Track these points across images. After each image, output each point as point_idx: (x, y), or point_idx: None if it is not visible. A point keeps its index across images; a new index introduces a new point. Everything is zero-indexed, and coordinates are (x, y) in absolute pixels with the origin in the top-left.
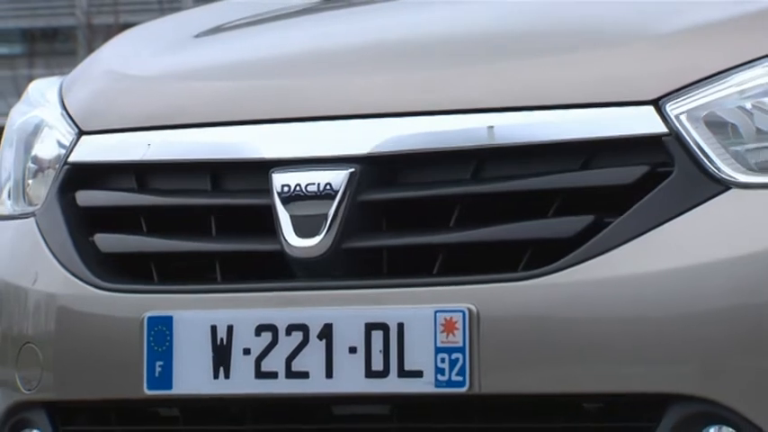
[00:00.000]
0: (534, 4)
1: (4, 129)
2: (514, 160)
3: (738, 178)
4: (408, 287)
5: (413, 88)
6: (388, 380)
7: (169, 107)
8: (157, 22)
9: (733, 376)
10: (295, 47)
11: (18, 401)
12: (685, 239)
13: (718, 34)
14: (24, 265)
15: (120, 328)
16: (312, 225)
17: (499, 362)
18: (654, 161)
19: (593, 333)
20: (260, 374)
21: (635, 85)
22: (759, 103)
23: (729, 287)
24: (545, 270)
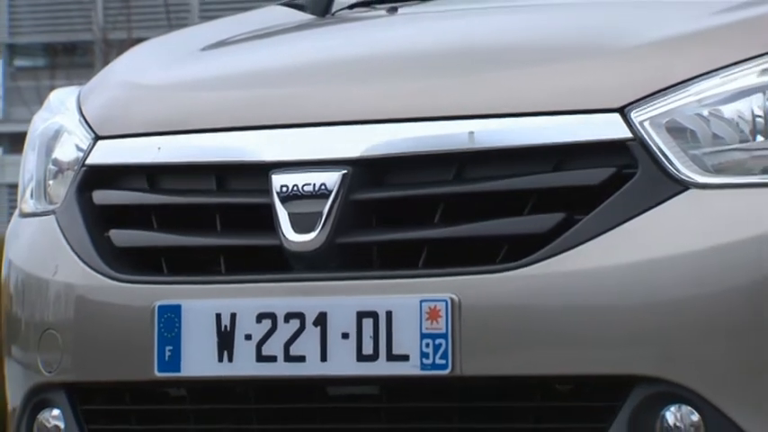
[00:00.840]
0: (511, 20)
1: (28, 133)
2: (493, 163)
3: (696, 179)
4: (396, 278)
5: (400, 97)
6: (377, 363)
7: (178, 114)
8: (167, 37)
9: (691, 360)
10: (293, 59)
11: (40, 383)
12: (648, 235)
13: (678, 48)
14: (45, 258)
15: (133, 315)
16: (308, 222)
17: (479, 347)
18: (620, 164)
19: (563, 320)
20: (260, 358)
21: (602, 94)
22: (715, 111)
23: (688, 279)
24: (520, 263)
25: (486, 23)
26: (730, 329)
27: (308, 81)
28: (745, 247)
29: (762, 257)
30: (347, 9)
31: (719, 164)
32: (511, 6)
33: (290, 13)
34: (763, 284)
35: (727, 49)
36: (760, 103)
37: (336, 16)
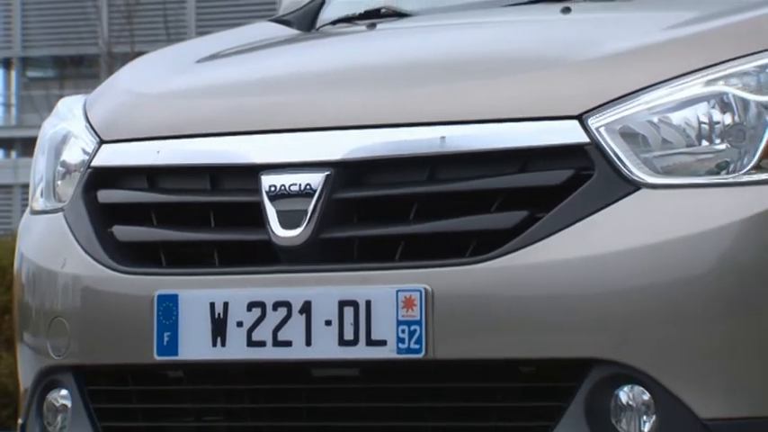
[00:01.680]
0: (478, 35)
1: (38, 138)
2: (462, 165)
3: (647, 180)
4: (375, 270)
5: (378, 105)
6: (357, 348)
7: (175, 120)
8: (166, 50)
9: (643, 344)
10: (280, 70)
11: (49, 365)
12: (603, 231)
13: (630, 61)
14: (54, 252)
15: (135, 304)
16: (294, 219)
17: (450, 332)
18: (578, 166)
19: (527, 308)
20: (251, 343)
21: (562, 102)
22: (664, 118)
23: (639, 270)
24: (488, 256)
25: (456, 38)
26: (678, 317)
27: (295, 90)
28: (691, 242)
29: (706, 251)
30: (330, 25)
31: (668, 166)
32: (478, 22)
33: (277, 29)
34: (707, 276)
35: (674, 62)
36: (704, 111)
37: (320, 31)
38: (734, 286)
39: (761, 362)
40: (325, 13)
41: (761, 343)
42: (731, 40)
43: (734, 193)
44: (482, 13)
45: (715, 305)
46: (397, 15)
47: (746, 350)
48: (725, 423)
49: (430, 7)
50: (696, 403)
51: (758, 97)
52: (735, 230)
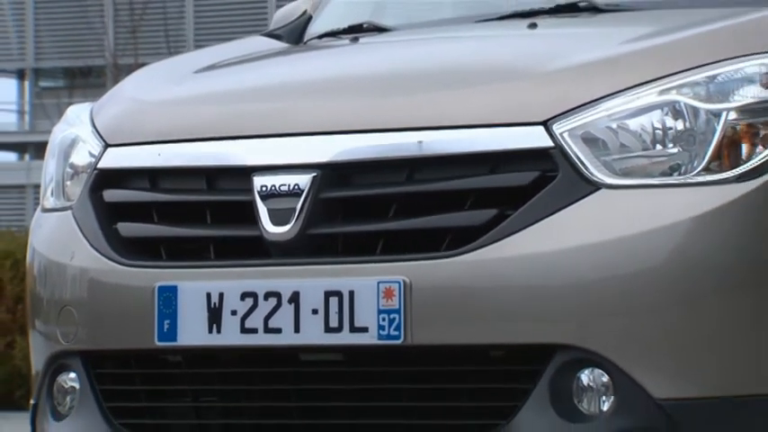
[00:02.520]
0: (452, 48)
1: (48, 142)
2: (438, 167)
3: (606, 181)
4: (357, 263)
5: (360, 112)
6: (341, 334)
7: (175, 126)
8: (166, 61)
9: (602, 331)
10: (270, 80)
11: (59, 351)
12: (566, 227)
13: (591, 72)
14: (63, 247)
15: (137, 294)
16: (284, 216)
17: (426, 320)
18: (543, 168)
19: (497, 298)
20: (244, 330)
21: (529, 110)
22: (622, 124)
23: (600, 264)
24: (461, 250)
25: (431, 50)
26: (634, 307)
27: (284, 98)
28: (645, 238)
29: (659, 247)
30: (317, 38)
31: (625, 168)
32: (452, 37)
33: (269, 42)
34: (660, 269)
35: (631, 73)
36: (659, 118)
37: (308, 45)
38: (684, 279)
39: (708, 348)
40: (312, 28)
41: (708, 331)
42: (682, 53)
43: (685, 193)
44: (455, 28)
45: (667, 296)
46: (377, 30)
47: (695, 338)
48: (677, 403)
49: (408, 23)
50: (651, 385)
51: (707, 105)
52: (685, 228)
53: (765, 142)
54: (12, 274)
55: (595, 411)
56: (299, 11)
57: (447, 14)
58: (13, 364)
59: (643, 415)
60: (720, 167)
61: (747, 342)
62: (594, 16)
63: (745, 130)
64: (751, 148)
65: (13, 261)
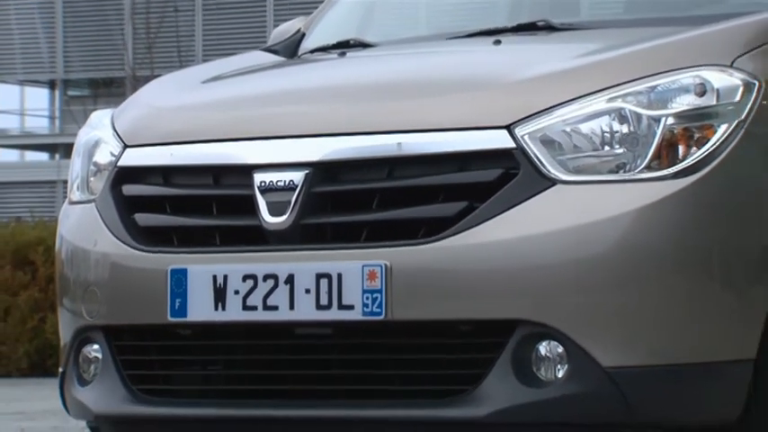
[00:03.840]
0: (428, 61)
1: (75, 143)
2: (415, 165)
3: (562, 177)
4: (345, 249)
5: (347, 117)
6: (331, 311)
7: (185, 129)
8: (177, 73)
9: (558, 308)
10: (268, 89)
11: (84, 325)
12: (527, 218)
13: (549, 82)
14: (88, 234)
15: (152, 276)
16: (280, 208)
17: (405, 299)
18: (506, 166)
19: (466, 279)
20: (245, 308)
21: (495, 115)
22: (575, 128)
23: (555, 249)
24: (435, 238)
25: (409, 63)
26: (585, 286)
27: (280, 105)
28: (595, 226)
29: (607, 234)
30: (309, 53)
31: (578, 166)
32: (427, 51)
33: (267, 56)
34: (607, 254)
35: (583, 83)
36: (607, 123)
37: (301, 58)
38: (628, 262)
39: (649, 323)
40: (305, 44)
41: (649, 308)
42: (627, 66)
43: (629, 188)
44: (430, 44)
45: (613, 277)
46: (362, 46)
47: (638, 314)
48: (622, 370)
49: (388, 39)
50: (599, 354)
51: (649, 112)
52: (629, 218)
53: (699, 144)
54: (44, 259)
55: (551, 378)
56: (294, 29)
57: (423, 32)
58: (45, 336)
59: (593, 381)
60: (660, 166)
61: (683, 317)
62: (551, 34)
63: (682, 134)
64: (686, 149)
65: (45, 247)
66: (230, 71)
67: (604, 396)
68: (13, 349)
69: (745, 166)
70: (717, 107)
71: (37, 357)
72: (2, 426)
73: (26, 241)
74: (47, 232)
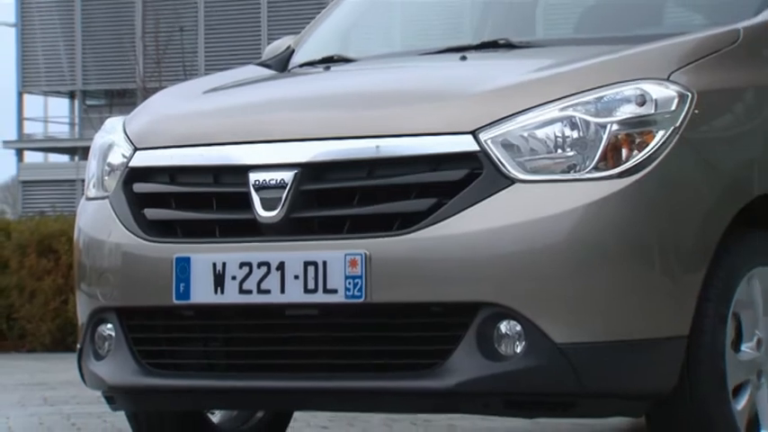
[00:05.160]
0: (404, 74)
1: (91, 146)
2: (391, 166)
3: (520, 177)
4: (329, 240)
5: (332, 123)
6: (317, 294)
7: (188, 134)
8: (182, 84)
9: (516, 292)
10: (262, 98)
11: (99, 307)
12: (489, 212)
13: (509, 93)
14: (103, 227)
15: (159, 263)
16: (272, 203)
17: (382, 284)
18: (471, 167)
19: (435, 266)
20: (242, 291)
21: (461, 122)
22: (532, 133)
23: (514, 239)
24: (409, 230)
25: (387, 76)
26: (540, 273)
27: (273, 112)
28: (550, 220)
29: (559, 227)
30: (298, 67)
31: (534, 167)
32: (402, 66)
33: (261, 70)
34: (560, 245)
35: (539, 94)
36: (559, 129)
37: (291, 72)
38: (578, 251)
39: (597, 305)
40: (294, 59)
41: (596, 292)
42: (577, 79)
43: (579, 187)
44: (404, 59)
45: (565, 264)
46: (345, 61)
47: (587, 297)
48: (572, 345)
49: (368, 55)
50: (552, 332)
51: (596, 119)
52: (579, 212)
53: (640, 148)
54: (66, 248)
55: (511, 353)
56: (284, 46)
57: (398, 49)
58: (66, 316)
59: (547, 355)
60: (606, 167)
61: (625, 300)
62: (511, 51)
63: (625, 139)
64: (629, 153)
65: (67, 238)
66: (228, 83)
67: (557, 369)
68: (38, 328)
69: (679, 168)
70: (655, 115)
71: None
72: (28, 394)
73: (49, 232)
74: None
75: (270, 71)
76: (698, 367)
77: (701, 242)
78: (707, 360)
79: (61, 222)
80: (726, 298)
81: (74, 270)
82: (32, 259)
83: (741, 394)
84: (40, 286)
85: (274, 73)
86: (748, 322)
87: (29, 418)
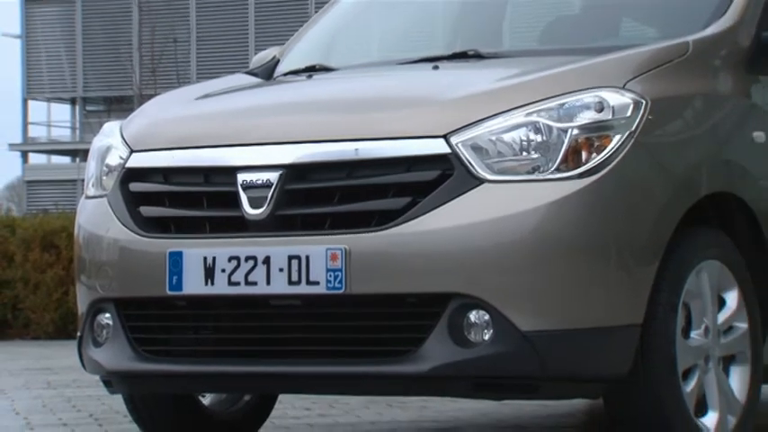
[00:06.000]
0: (381, 83)
1: (90, 149)
2: (369, 167)
3: (488, 177)
4: (312, 236)
5: (314, 127)
6: (300, 286)
7: (181, 137)
8: (175, 91)
9: (485, 283)
10: (250, 104)
11: (97, 298)
12: (459, 210)
13: (478, 100)
14: (101, 223)
15: (154, 257)
16: (259, 202)
17: (361, 276)
18: (443, 168)
19: (410, 260)
20: (230, 283)
21: (434, 126)
22: (499, 137)
23: (482, 235)
24: (386, 226)
25: (365, 84)
26: (507, 266)
27: (259, 117)
28: (515, 217)
29: (524, 223)
30: (283, 75)
31: (501, 168)
32: (379, 74)
33: (248, 78)
34: (524, 240)
35: (505, 101)
36: (524, 133)
37: (276, 80)
38: (541, 246)
39: (558, 295)
40: (279, 68)
41: (558, 283)
42: (541, 87)
43: (542, 186)
44: (382, 68)
45: (529, 258)
46: (326, 70)
47: (549, 288)
48: (536, 333)
49: (347, 65)
50: (518, 321)
51: (558, 124)
52: (542, 210)
53: (598, 150)
54: (66, 243)
55: (479, 340)
56: (270, 56)
57: (375, 59)
58: (67, 306)
59: (512, 342)
60: (567, 168)
61: (585, 291)
62: (480, 61)
63: (584, 142)
64: (588, 155)
65: (68, 234)
66: (218, 90)
67: (522, 354)
68: (42, 317)
69: (634, 169)
70: (612, 121)
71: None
72: (32, 378)
73: (52, 229)
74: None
75: (257, 79)
76: (651, 353)
77: (653, 238)
78: (659, 346)
79: (63, 219)
80: (676, 289)
81: (74, 263)
82: (36, 253)
83: (690, 377)
84: (43, 278)
85: (261, 81)
86: (697, 311)
87: (33, 400)
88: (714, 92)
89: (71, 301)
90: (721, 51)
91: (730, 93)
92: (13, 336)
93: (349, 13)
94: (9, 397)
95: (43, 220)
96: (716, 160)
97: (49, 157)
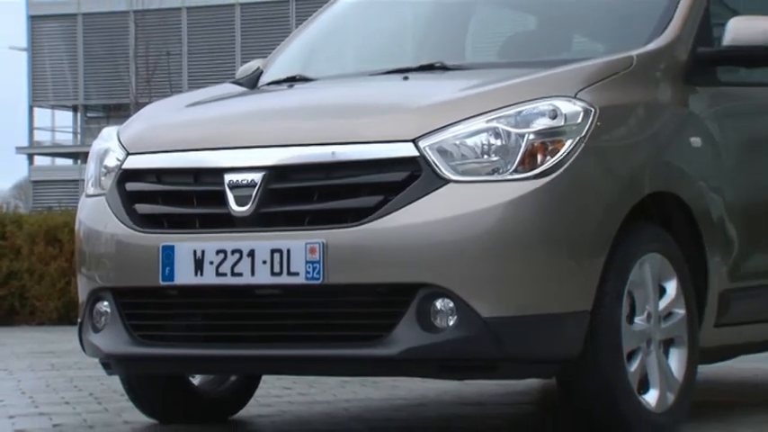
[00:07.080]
0: (355, 92)
1: (90, 151)
2: (344, 168)
3: (453, 178)
4: (292, 231)
5: (294, 131)
6: (282, 277)
7: (173, 141)
8: (168, 99)
9: (449, 274)
10: (236, 111)
11: (96, 287)
12: (427, 208)
13: (443, 107)
14: (100, 219)
15: (148, 251)
16: (244, 200)
17: (337, 267)
18: (412, 169)
19: (381, 253)
20: (218, 274)
21: (404, 131)
22: (463, 141)
23: (448, 231)
24: (360, 222)
25: (341, 92)
26: (469, 258)
27: (244, 123)
28: (477, 214)
29: (485, 220)
30: (266, 85)
31: (465, 170)
32: (354, 84)
33: (235, 87)
34: (485, 234)
35: (468, 108)
36: (485, 138)
37: (260, 89)
38: (500, 240)
39: (516, 284)
40: (263, 78)
41: (516, 273)
42: (501, 96)
43: (502, 186)
44: (356, 78)
45: (490, 251)
46: (305, 80)
47: (508, 277)
48: (496, 319)
49: (325, 75)
50: (479, 308)
51: (516, 130)
52: (501, 208)
53: (552, 154)
54: (69, 237)
55: (445, 325)
56: (254, 67)
57: (350, 70)
58: (69, 295)
59: (474, 327)
60: (524, 170)
61: (539, 280)
62: (445, 72)
63: (539, 146)
64: (543, 158)
65: (70, 229)
66: (207, 98)
67: (483, 338)
68: (46, 305)
69: (584, 171)
70: (564, 127)
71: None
72: (37, 361)
73: (55, 224)
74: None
75: (242, 88)
76: (599, 336)
77: (601, 233)
78: (606, 331)
79: (65, 216)
80: (622, 279)
81: (75, 256)
82: (41, 247)
83: (634, 359)
84: (48, 270)
85: (246, 90)
86: (640, 299)
87: (37, 381)
88: (655, 101)
89: (73, 290)
90: (662, 65)
91: (670, 102)
92: (20, 322)
93: (326, 29)
94: (16, 378)
95: (47, 216)
96: (657, 163)
97: (53, 159)
